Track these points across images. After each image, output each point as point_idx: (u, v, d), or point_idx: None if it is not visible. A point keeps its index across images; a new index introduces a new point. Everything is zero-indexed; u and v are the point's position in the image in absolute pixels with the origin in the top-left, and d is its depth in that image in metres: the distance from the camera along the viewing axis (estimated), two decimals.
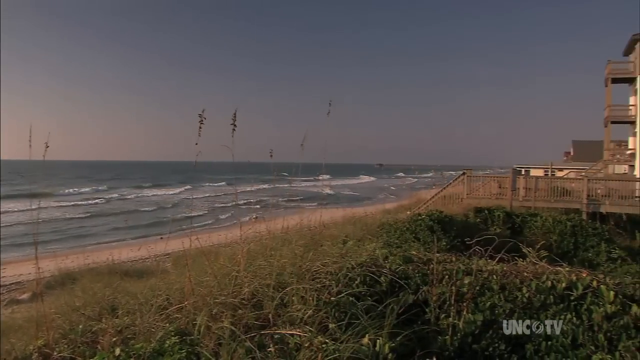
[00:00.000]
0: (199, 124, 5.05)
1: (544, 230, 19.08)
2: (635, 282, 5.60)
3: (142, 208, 64.31)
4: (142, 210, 61.99)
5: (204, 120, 5.04)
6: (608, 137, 49.84)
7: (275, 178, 6.63)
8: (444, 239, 13.94)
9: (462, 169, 30.79)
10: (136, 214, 57.23)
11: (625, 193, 29.36)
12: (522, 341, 5.02)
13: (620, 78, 47.54)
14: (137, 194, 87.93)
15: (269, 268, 5.26)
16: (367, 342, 4.05)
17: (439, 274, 5.48)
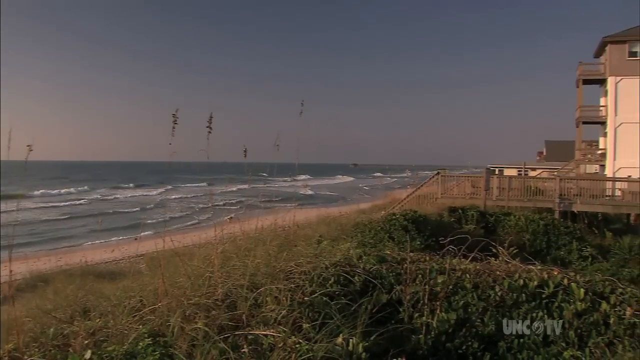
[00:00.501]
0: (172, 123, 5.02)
1: (517, 229, 19.29)
2: (605, 280, 5.70)
3: (123, 209, 63.37)
4: (122, 211, 61.17)
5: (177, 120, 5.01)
6: (579, 138, 50.65)
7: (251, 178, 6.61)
8: (418, 238, 14.02)
9: (437, 168, 31.01)
10: (115, 215, 56.50)
11: (596, 192, 29.82)
12: (495, 339, 5.08)
13: (591, 79, 48.44)
14: (117, 195, 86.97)
15: (243, 268, 5.25)
16: (341, 341, 4.06)
17: (413, 273, 5.52)
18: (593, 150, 51.06)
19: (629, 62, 45.38)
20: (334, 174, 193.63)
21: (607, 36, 46.32)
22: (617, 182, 32.00)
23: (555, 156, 74.80)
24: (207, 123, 5.28)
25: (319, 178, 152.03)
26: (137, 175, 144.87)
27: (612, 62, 45.82)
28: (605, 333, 4.95)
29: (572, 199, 28.85)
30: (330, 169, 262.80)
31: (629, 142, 44.57)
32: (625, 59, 45.46)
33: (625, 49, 45.57)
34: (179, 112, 5.07)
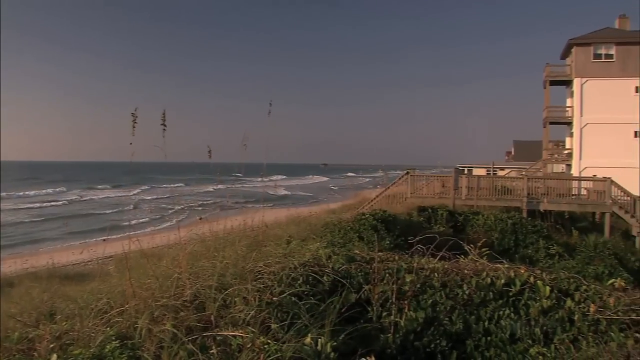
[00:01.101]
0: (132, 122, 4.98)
1: (486, 228, 19.52)
2: (570, 278, 5.79)
3: (99, 210, 62.21)
4: (98, 213, 60.07)
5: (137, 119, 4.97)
6: (547, 138, 51.47)
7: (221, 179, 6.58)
8: (388, 237, 14.08)
9: (407, 168, 31.15)
10: (91, 217, 55.53)
11: (563, 191, 30.30)
12: (463, 337, 5.12)
13: (558, 80, 49.35)
14: (94, 196, 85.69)
15: (212, 269, 5.22)
16: (309, 341, 4.06)
17: (381, 272, 5.54)
18: (560, 150, 51.94)
19: (594, 64, 46.30)
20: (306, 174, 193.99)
21: (573, 38, 47.20)
22: (583, 181, 32.53)
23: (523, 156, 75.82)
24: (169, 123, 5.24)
25: (293, 178, 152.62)
26: (109, 176, 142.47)
27: (577, 64, 46.69)
28: (570, 330, 5.03)
29: (540, 198, 29.27)
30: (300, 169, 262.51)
31: (595, 142, 45.45)
32: (591, 60, 46.39)
33: (590, 51, 46.48)
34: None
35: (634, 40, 46.23)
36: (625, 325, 4.87)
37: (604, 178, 29.68)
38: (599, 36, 47.66)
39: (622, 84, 45.57)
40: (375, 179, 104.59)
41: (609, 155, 44.23)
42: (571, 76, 47.28)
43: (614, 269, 16.78)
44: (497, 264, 5.92)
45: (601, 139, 45.15)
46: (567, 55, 50.01)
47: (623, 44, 46.19)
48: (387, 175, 36.82)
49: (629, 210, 28.99)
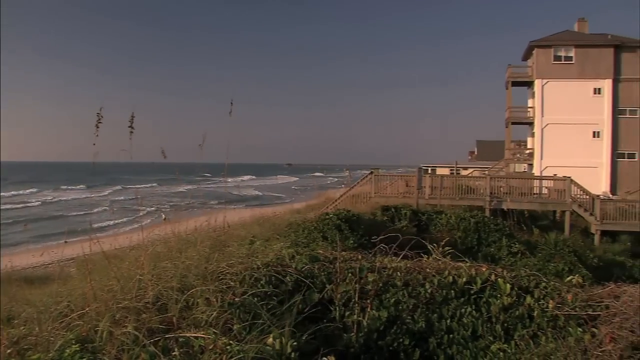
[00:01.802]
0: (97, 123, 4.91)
1: (449, 227, 19.71)
2: (530, 275, 5.88)
3: (71, 212, 60.85)
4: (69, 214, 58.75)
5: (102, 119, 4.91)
6: (509, 137, 52.35)
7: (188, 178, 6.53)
8: (352, 237, 14.11)
9: (372, 168, 31.31)
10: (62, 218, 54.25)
11: (524, 190, 30.80)
12: (426, 335, 5.17)
13: (519, 81, 50.18)
14: (64, 197, 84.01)
15: (174, 270, 5.17)
16: (272, 341, 4.06)
17: (344, 272, 5.56)
18: (521, 150, 52.87)
19: (554, 66, 47.23)
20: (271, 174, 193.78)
21: (534, 41, 48.13)
22: (544, 180, 33.11)
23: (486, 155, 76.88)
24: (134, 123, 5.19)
25: (260, 178, 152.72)
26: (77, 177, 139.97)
27: (538, 66, 47.60)
28: (530, 326, 5.12)
29: (502, 197, 29.69)
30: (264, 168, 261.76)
31: (555, 142, 46.36)
32: (551, 62, 47.36)
33: (550, 53, 47.44)
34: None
35: (592, 43, 47.36)
36: (582, 320, 4.97)
37: (564, 177, 30.27)
38: (558, 38, 48.70)
39: (581, 85, 46.61)
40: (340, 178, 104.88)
41: (568, 154, 45.19)
42: (532, 77, 48.25)
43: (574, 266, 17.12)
44: (459, 263, 5.98)
45: (561, 139, 46.10)
46: (529, 57, 51.02)
47: (582, 47, 47.26)
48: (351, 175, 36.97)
49: (588, 209, 29.62)
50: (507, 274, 5.80)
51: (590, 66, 46.70)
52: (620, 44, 46.87)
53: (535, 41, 48.18)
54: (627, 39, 47.73)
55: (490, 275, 5.60)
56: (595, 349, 4.32)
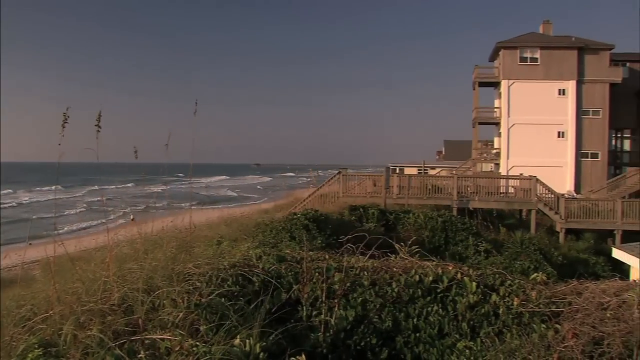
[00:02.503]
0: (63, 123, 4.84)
1: (417, 226, 19.81)
2: (495, 273, 5.96)
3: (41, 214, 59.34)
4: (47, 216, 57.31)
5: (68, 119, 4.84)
6: (476, 137, 52.97)
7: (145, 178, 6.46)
8: (320, 237, 14.10)
9: (340, 168, 31.39)
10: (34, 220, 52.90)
11: (491, 190, 31.18)
12: (393, 334, 5.20)
13: (486, 82, 50.77)
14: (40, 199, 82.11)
15: (140, 271, 5.11)
16: (239, 342, 4.04)
17: (311, 272, 5.56)
18: (488, 150, 53.52)
19: (520, 67, 47.92)
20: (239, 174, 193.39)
21: (501, 42, 48.77)
22: (510, 180, 33.53)
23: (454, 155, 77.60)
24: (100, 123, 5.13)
25: (235, 178, 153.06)
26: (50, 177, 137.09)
27: (505, 66, 48.22)
28: (495, 323, 5.18)
29: (470, 196, 30.01)
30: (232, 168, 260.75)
31: (521, 141, 47.02)
32: (517, 63, 48.02)
33: (516, 54, 48.11)
34: None
35: (557, 45, 48.16)
36: (546, 317, 5.05)
37: (530, 177, 30.71)
38: (524, 40, 49.42)
39: (546, 86, 47.35)
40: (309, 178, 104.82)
41: (534, 154, 45.87)
42: (499, 78, 48.87)
43: (539, 264, 17.39)
44: (426, 262, 6.03)
45: (527, 139, 46.77)
46: (495, 58, 51.66)
47: (547, 48, 48.03)
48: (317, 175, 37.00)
49: (553, 208, 30.10)
50: (473, 272, 5.87)
51: (555, 67, 47.48)
52: (583, 46, 47.73)
53: (502, 42, 48.81)
54: (590, 41, 48.65)
55: (457, 273, 5.66)
56: (558, 344, 4.39)
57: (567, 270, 16.83)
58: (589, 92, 47.58)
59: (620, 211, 29.69)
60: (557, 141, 47.55)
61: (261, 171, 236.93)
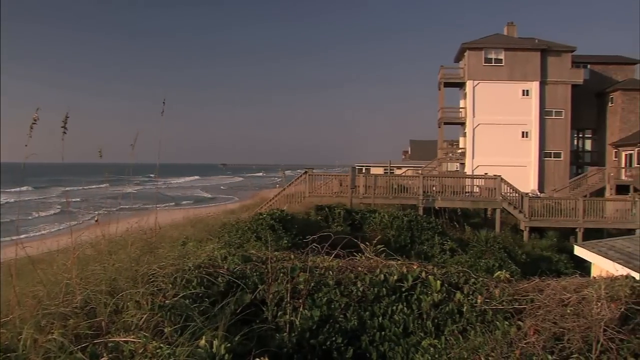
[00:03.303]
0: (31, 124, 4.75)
1: (383, 225, 19.90)
2: (460, 271, 6.02)
3: None
4: None
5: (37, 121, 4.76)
6: (441, 137, 53.56)
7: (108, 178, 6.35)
8: (286, 237, 14.08)
9: (307, 167, 31.39)
10: None
11: (457, 189, 31.50)
12: (358, 333, 5.21)
13: (451, 82, 51.36)
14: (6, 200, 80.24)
15: (104, 273, 5.04)
16: (204, 343, 4.01)
17: (276, 272, 5.55)
18: (454, 149, 54.13)
19: (485, 67, 48.56)
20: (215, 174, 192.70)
21: (466, 43, 49.35)
22: (475, 179, 33.89)
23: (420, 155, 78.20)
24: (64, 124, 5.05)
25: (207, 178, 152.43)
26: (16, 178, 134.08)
27: (470, 67, 48.81)
28: (460, 321, 5.23)
29: (435, 196, 30.25)
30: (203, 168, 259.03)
31: (486, 141, 47.64)
32: (482, 64, 48.64)
33: (481, 55, 48.74)
34: None
35: (521, 47, 48.92)
36: (509, 314, 5.12)
37: (495, 176, 31.08)
38: (489, 41, 50.10)
39: (510, 87, 48.08)
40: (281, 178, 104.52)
41: (499, 154, 46.51)
42: (464, 79, 49.45)
43: (504, 262, 17.64)
44: (390, 261, 6.06)
45: (492, 139, 47.42)
46: (461, 59, 52.24)
47: (511, 50, 48.76)
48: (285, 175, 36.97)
49: (517, 206, 30.51)
50: (437, 271, 5.92)
51: (519, 69, 48.23)
52: (546, 48, 48.59)
53: (467, 43, 49.38)
54: (552, 43, 49.54)
55: (421, 272, 5.70)
56: (520, 341, 4.45)
57: (530, 267, 17.07)
58: (552, 93, 48.47)
59: (582, 209, 30.24)
60: (521, 141, 48.29)
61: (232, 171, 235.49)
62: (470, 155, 48.38)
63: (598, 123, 52.15)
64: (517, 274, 11.73)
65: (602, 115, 51.72)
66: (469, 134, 48.85)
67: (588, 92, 50.22)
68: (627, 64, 53.25)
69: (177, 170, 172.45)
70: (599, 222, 30.57)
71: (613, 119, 50.20)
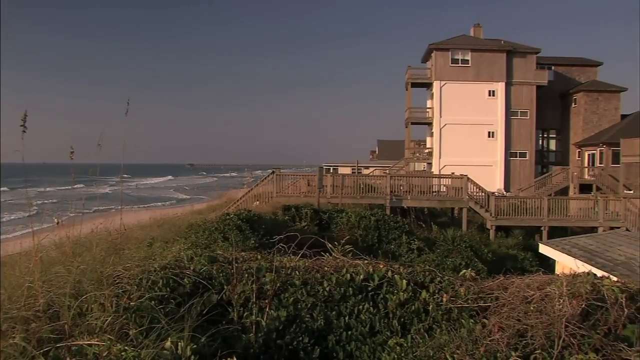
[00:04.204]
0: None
1: (350, 225, 19.92)
2: (425, 270, 6.06)
3: None
4: None
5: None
6: (409, 137, 53.99)
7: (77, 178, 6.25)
8: (253, 237, 14.02)
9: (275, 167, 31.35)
10: None
11: (424, 189, 31.75)
12: (325, 333, 5.22)
13: (419, 83, 51.80)
14: None
15: (68, 276, 4.97)
16: (169, 345, 3.98)
17: (242, 272, 5.53)
18: (421, 149, 54.62)
19: (452, 68, 49.10)
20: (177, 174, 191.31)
21: (433, 43, 49.79)
22: (442, 179, 34.22)
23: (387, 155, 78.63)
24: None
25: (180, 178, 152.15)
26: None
27: (437, 68, 49.30)
28: (425, 320, 5.26)
29: (403, 195, 30.45)
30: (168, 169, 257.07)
31: (453, 141, 48.18)
32: (449, 65, 49.17)
33: (448, 56, 49.28)
34: None
35: (487, 48, 49.59)
36: (474, 312, 5.16)
37: (461, 176, 31.42)
38: (456, 42, 50.67)
39: (477, 87, 48.70)
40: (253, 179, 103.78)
41: (465, 154, 47.08)
42: (431, 79, 49.94)
43: (470, 260, 17.83)
44: (357, 261, 6.08)
45: (458, 139, 47.97)
46: (428, 59, 52.75)
47: (477, 51, 49.41)
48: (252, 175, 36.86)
49: (484, 205, 30.87)
50: (403, 270, 5.94)
51: (485, 69, 48.91)
52: (512, 50, 49.37)
53: (434, 44, 49.84)
54: (518, 45, 50.35)
55: (387, 272, 5.72)
56: (485, 338, 4.50)
57: (497, 266, 17.29)
58: (517, 94, 49.27)
59: (547, 208, 30.71)
60: (487, 141, 48.93)
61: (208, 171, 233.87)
62: (437, 155, 48.84)
63: (562, 123, 53.17)
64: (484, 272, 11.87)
65: (565, 116, 52.76)
66: (436, 134, 49.31)
67: (552, 93, 51.23)
68: (589, 66, 54.42)
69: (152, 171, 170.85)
70: (563, 220, 31.11)
71: (576, 120, 51.23)
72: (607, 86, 51.33)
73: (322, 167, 31.75)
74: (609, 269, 11.75)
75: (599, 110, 50.00)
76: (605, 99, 50.38)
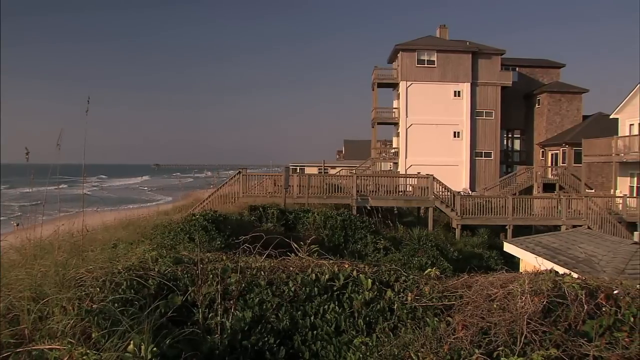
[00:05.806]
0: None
1: (316, 225, 19.92)
2: (390, 269, 6.09)
3: None
4: None
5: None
6: (375, 137, 54.32)
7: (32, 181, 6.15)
8: (219, 238, 13.95)
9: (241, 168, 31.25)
10: None
11: (390, 188, 31.96)
12: (290, 333, 5.22)
13: (385, 83, 52.09)
14: None
15: (29, 279, 4.88)
16: (132, 348, 3.94)
17: (207, 273, 5.51)
18: (387, 149, 54.98)
19: (418, 69, 49.46)
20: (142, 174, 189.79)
21: (399, 44, 50.13)
22: (408, 178, 34.48)
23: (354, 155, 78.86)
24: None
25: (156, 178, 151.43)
26: None
27: (403, 68, 49.59)
28: (391, 318, 5.29)
29: (369, 195, 30.59)
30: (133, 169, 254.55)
31: (419, 141, 48.56)
32: (415, 65, 49.51)
33: (414, 56, 49.62)
34: None
35: (453, 49, 50.11)
36: (439, 310, 5.21)
37: (427, 175, 31.69)
38: (422, 43, 51.06)
39: (443, 88, 49.16)
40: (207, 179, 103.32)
41: (431, 153, 47.50)
42: (397, 79, 50.23)
43: (436, 259, 17.99)
44: (323, 261, 6.09)
45: (425, 139, 48.37)
46: (394, 60, 53.03)
47: (443, 52, 49.88)
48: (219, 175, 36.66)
49: (449, 205, 31.17)
50: (368, 269, 5.97)
51: (451, 70, 49.40)
52: (477, 51, 49.96)
53: (400, 44, 50.13)
54: (483, 46, 50.97)
55: (353, 271, 5.74)
56: (449, 336, 4.55)
57: (462, 264, 17.43)
58: (482, 95, 49.90)
59: (512, 207, 31.13)
60: (453, 141, 49.43)
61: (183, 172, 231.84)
62: (403, 155, 49.16)
63: (526, 123, 54.03)
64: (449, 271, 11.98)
65: (529, 116, 53.63)
66: (402, 134, 49.63)
67: (517, 94, 52.08)
68: (553, 68, 55.42)
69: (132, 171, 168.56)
70: (527, 219, 31.56)
71: (540, 120, 52.10)
72: (570, 87, 52.35)
73: (288, 167, 31.78)
74: (570, 266, 11.99)
75: (562, 111, 50.95)
76: (567, 100, 51.35)
